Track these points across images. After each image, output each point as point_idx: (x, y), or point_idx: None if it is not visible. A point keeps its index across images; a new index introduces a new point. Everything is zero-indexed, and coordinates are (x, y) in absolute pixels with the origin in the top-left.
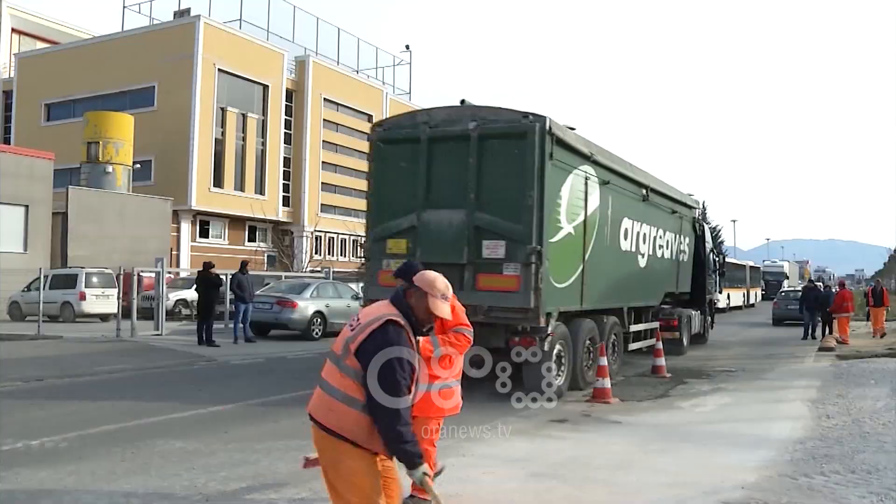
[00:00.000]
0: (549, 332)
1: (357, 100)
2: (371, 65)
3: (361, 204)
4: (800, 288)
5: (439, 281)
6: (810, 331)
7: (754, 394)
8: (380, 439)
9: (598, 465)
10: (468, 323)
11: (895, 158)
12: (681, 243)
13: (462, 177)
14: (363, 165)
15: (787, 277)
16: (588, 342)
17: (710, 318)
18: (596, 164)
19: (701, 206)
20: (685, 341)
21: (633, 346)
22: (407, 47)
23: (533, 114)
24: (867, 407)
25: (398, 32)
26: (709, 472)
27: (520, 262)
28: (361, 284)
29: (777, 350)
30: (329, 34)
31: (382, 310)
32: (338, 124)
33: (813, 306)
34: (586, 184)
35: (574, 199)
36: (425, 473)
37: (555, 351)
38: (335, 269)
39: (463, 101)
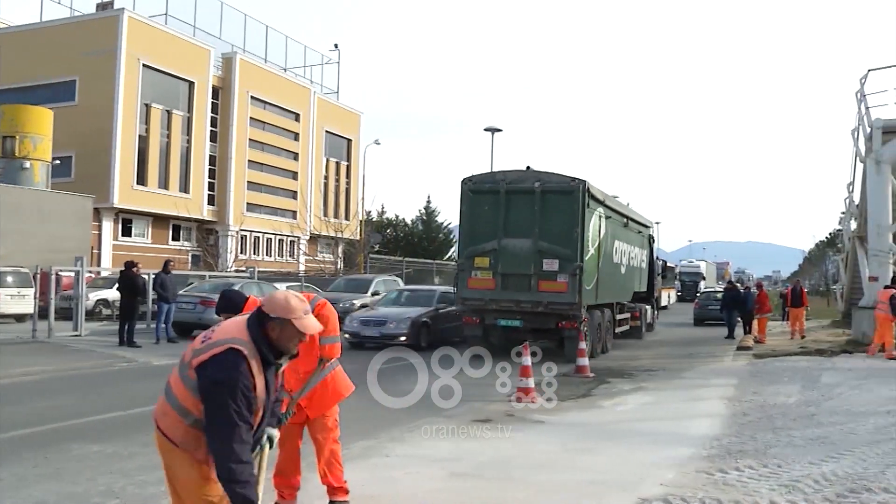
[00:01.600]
0: (583, 318)
1: (284, 98)
2: (299, 63)
3: (288, 203)
4: (720, 289)
5: (293, 300)
6: (730, 330)
7: (674, 392)
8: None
9: (520, 464)
10: (336, 332)
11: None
12: (641, 254)
13: (529, 217)
14: (290, 164)
15: (704, 278)
16: (598, 326)
17: (657, 312)
18: (604, 205)
19: (654, 226)
20: (643, 328)
21: (619, 329)
22: (335, 46)
23: (577, 178)
24: (780, 403)
25: (327, 31)
26: (629, 470)
27: (568, 273)
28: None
29: (697, 350)
30: (257, 31)
31: (233, 332)
32: (265, 123)
33: (731, 306)
34: (599, 219)
35: (595, 230)
36: None
37: (592, 328)
38: (260, 269)
39: (528, 167)
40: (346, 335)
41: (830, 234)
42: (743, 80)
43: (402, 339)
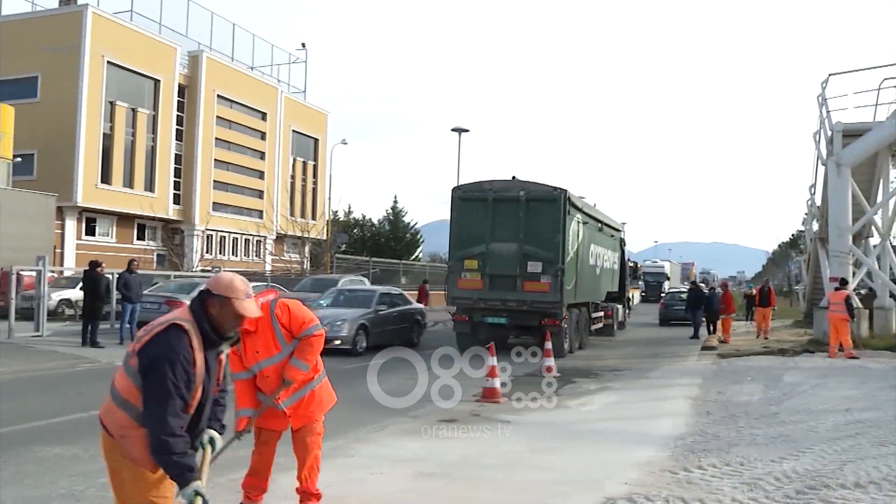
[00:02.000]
0: (564, 316)
1: (251, 97)
2: (266, 62)
3: (254, 203)
4: (686, 289)
5: (237, 281)
6: (696, 330)
7: (640, 392)
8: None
9: (486, 464)
10: (314, 318)
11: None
12: (613, 256)
13: (514, 223)
14: (257, 164)
15: (668, 278)
16: (577, 323)
17: (628, 310)
18: (582, 211)
19: (624, 229)
20: (615, 326)
21: (594, 327)
22: (303, 45)
23: (559, 188)
24: (743, 402)
25: (294, 30)
26: (594, 469)
27: (550, 275)
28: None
29: (662, 350)
30: (224, 29)
31: (176, 313)
32: (231, 121)
33: (695, 306)
34: (578, 224)
35: (574, 235)
36: (197, 493)
37: (567, 327)
38: (226, 269)
39: (514, 177)
40: None
41: (793, 235)
42: (710, 83)
43: (338, 342)
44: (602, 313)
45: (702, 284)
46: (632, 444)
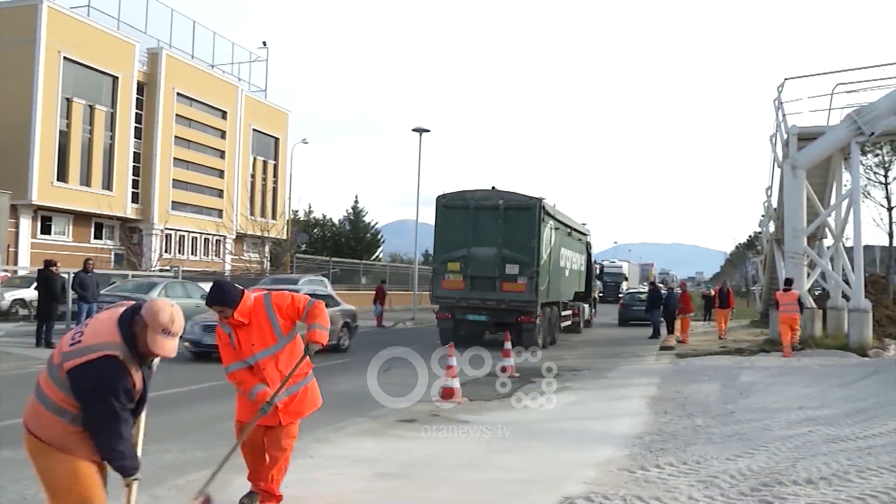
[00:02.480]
0: (538, 314)
1: (211, 95)
2: (227, 60)
3: (214, 202)
4: (645, 289)
5: (164, 314)
6: (655, 330)
7: (598, 392)
8: (90, 447)
9: (445, 464)
10: (308, 296)
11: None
12: (581, 259)
13: (494, 229)
14: (217, 163)
15: (627, 279)
16: (549, 320)
17: (594, 309)
18: (554, 218)
19: (590, 233)
20: (581, 324)
21: (563, 324)
22: (264, 44)
23: (535, 197)
24: (700, 402)
25: (255, 28)
26: (552, 469)
27: (526, 276)
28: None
29: (622, 349)
30: (184, 27)
31: (104, 336)
32: (191, 120)
33: (653, 307)
34: (551, 230)
35: (547, 240)
36: (135, 478)
37: (541, 325)
38: (185, 269)
39: (493, 188)
40: (186, 343)
41: (750, 236)
42: (670, 86)
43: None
44: (570, 311)
45: (661, 285)
46: (590, 443)
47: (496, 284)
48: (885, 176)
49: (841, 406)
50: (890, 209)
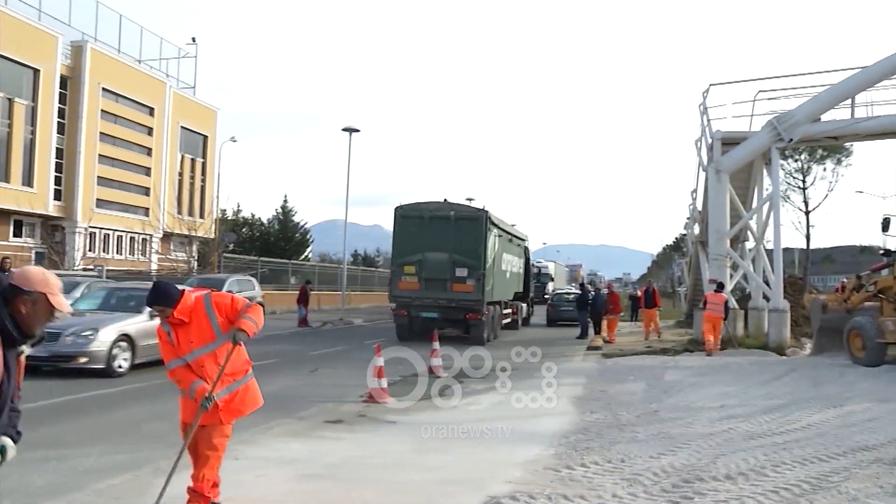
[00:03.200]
0: (484, 311)
1: (138, 91)
2: (155, 56)
3: (140, 200)
4: (573, 290)
5: (50, 275)
6: (583, 330)
7: (525, 392)
8: None
9: (371, 464)
10: (245, 299)
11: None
12: (519, 263)
13: (445, 237)
14: (143, 160)
15: (553, 279)
16: (492, 318)
17: (531, 308)
18: (497, 227)
19: (528, 238)
20: (520, 321)
21: (504, 321)
22: (193, 40)
23: (482, 209)
24: (625, 401)
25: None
26: (479, 469)
27: (474, 278)
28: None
29: (550, 350)
30: (110, 20)
31: None
32: (117, 116)
33: (581, 307)
34: (495, 238)
35: (491, 245)
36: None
37: (486, 321)
38: (109, 268)
39: (445, 200)
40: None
41: (676, 238)
42: (598, 89)
43: (84, 360)
44: (511, 310)
45: (589, 286)
46: (516, 443)
47: (447, 285)
48: (804, 181)
49: (760, 403)
50: (807, 213)
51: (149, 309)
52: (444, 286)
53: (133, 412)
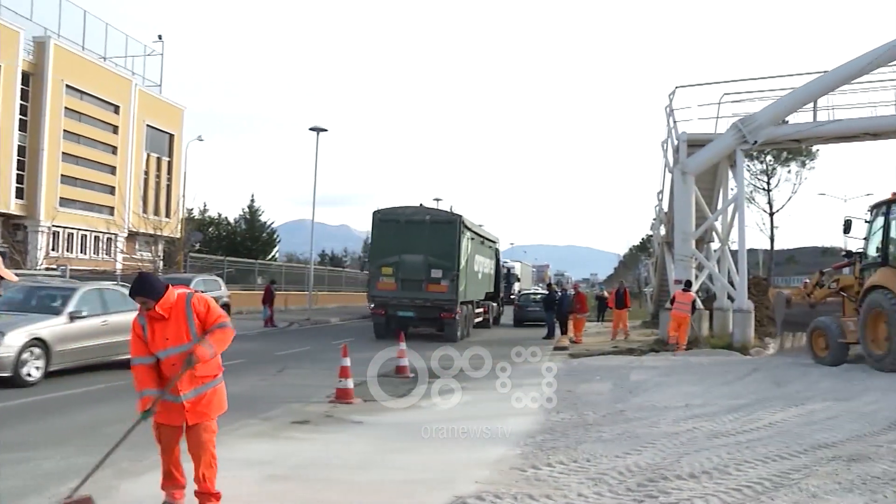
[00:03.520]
0: (457, 310)
1: (103, 89)
2: (120, 53)
3: (105, 199)
4: (540, 290)
5: None
6: (550, 330)
7: (492, 392)
8: None
9: (337, 465)
10: (225, 315)
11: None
12: (491, 264)
13: (421, 239)
14: (108, 158)
15: (519, 279)
16: (465, 317)
17: (502, 308)
18: (470, 230)
19: (499, 240)
20: (491, 320)
21: (476, 320)
22: (159, 37)
23: (455, 213)
24: (592, 401)
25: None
26: (445, 469)
27: (448, 279)
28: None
29: (516, 350)
30: (74, 16)
31: None
32: (81, 113)
33: (548, 307)
34: (468, 241)
35: (465, 248)
36: None
37: (459, 320)
38: (73, 268)
39: (421, 205)
40: None
41: (643, 239)
42: (566, 90)
43: None
44: (482, 309)
45: (556, 286)
46: (483, 443)
47: (423, 286)
48: (768, 183)
49: (723, 403)
50: (772, 214)
51: (69, 310)
52: (419, 286)
53: (96, 414)
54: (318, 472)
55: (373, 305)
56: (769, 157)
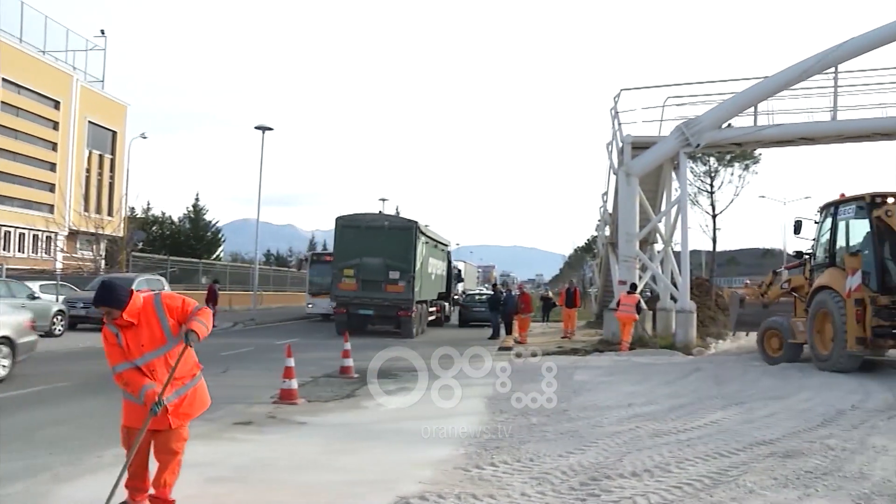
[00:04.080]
0: (413, 309)
1: (43, 83)
2: (60, 47)
3: (45, 196)
4: (486, 291)
5: None
6: (495, 330)
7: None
8: None
9: (281, 466)
10: (195, 301)
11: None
12: (443, 266)
13: (380, 244)
14: (48, 155)
15: (463, 280)
16: (420, 315)
17: (453, 307)
18: (425, 235)
19: (451, 244)
20: (444, 318)
21: (430, 318)
22: (102, 32)
23: (412, 220)
24: (535, 401)
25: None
26: (389, 469)
27: (405, 280)
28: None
29: (461, 350)
30: (10, 7)
31: None
32: (19, 108)
33: (495, 308)
34: (422, 245)
35: (420, 252)
36: None
37: (415, 318)
38: (10, 267)
39: (380, 212)
40: None
41: (588, 240)
42: (513, 92)
43: None
44: (435, 308)
45: (501, 287)
46: (427, 443)
47: (381, 286)
48: (711, 185)
49: (665, 402)
50: (714, 216)
51: None
52: (378, 287)
53: (30, 417)
54: (260, 473)
55: (335, 304)
56: (712, 160)
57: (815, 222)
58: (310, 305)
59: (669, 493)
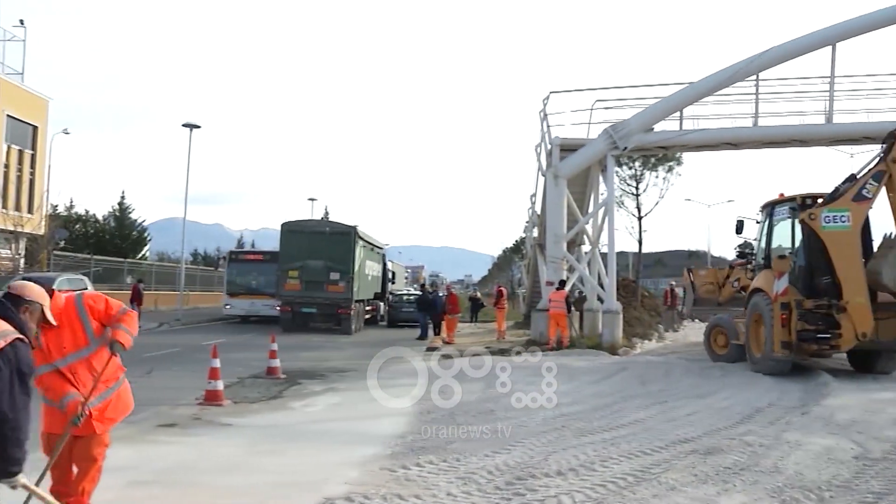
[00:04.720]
0: (352, 308)
1: None
2: None
3: None
4: (414, 291)
5: (38, 287)
6: (423, 331)
7: (364, 393)
8: None
9: (204, 468)
10: (121, 303)
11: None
12: (378, 267)
13: (322, 247)
14: None
15: (394, 281)
16: (358, 313)
17: (387, 307)
18: (363, 239)
19: (385, 247)
20: (378, 317)
21: (366, 316)
22: (21, 22)
23: (352, 225)
24: (463, 400)
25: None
26: (315, 470)
27: (344, 281)
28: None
29: (389, 350)
30: None
31: (5, 326)
32: None
33: (424, 308)
34: (360, 248)
35: (358, 255)
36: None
37: (353, 316)
38: None
39: (322, 218)
40: None
41: (517, 241)
42: (441, 93)
43: None
44: (371, 308)
45: (430, 287)
46: (353, 444)
47: (323, 286)
48: (637, 187)
49: (591, 401)
50: (640, 218)
51: None
52: (321, 287)
53: None
54: (184, 476)
55: (280, 304)
56: (638, 163)
57: (757, 222)
58: (227, 307)
59: (594, 491)
